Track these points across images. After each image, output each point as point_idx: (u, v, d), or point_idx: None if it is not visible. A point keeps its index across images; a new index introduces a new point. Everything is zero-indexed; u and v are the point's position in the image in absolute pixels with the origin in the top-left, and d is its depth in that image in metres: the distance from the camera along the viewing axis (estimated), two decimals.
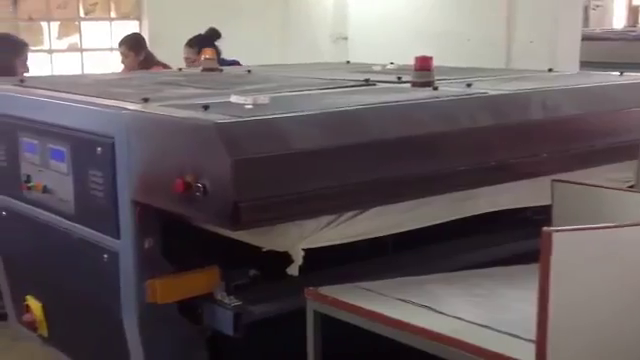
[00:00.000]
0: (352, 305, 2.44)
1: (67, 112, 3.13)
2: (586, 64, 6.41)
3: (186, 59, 6.25)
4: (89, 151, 2.95)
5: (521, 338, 2.12)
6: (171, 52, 7.35)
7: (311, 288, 2.59)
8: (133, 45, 6.54)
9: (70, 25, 8.66)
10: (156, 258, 2.87)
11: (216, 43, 6.31)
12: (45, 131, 3.22)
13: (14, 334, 3.97)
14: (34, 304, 3.53)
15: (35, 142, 3.29)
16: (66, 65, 8.45)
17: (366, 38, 7.25)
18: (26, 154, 3.37)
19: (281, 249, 2.65)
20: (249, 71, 4.44)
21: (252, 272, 3.06)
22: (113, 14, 8.81)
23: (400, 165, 2.73)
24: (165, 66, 6.44)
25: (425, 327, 2.21)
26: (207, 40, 6.22)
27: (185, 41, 6.68)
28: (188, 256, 2.94)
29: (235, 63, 6.05)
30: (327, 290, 2.56)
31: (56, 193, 3.21)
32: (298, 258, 2.64)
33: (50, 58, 8.38)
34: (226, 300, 2.87)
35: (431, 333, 2.19)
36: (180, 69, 4.73)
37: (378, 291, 2.60)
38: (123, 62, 6.63)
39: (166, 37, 8.31)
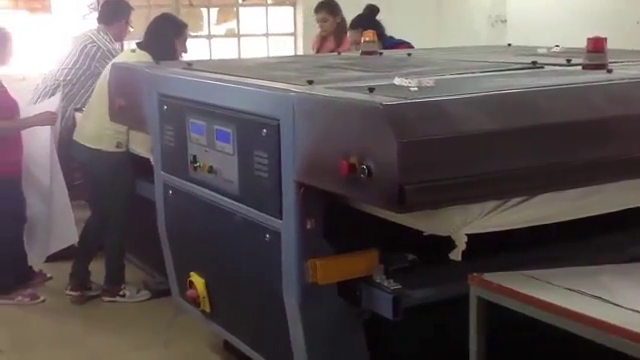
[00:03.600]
0: (519, 292, 2.37)
1: (234, 94, 3.20)
2: None
3: (353, 42, 6.16)
4: (255, 132, 3.01)
5: None
6: None
7: (475, 274, 2.54)
8: (332, 9, 6.53)
9: (228, 11, 8.89)
10: (317, 239, 2.91)
11: (378, 19, 6.18)
12: (212, 113, 3.32)
13: (177, 309, 4.13)
14: (197, 280, 3.64)
15: (202, 123, 3.39)
16: (223, 50, 8.67)
17: (527, 20, 7.02)
18: (193, 135, 3.48)
19: (444, 234, 2.61)
20: (409, 54, 4.40)
21: (411, 256, 3.04)
22: (269, 0, 8.97)
23: (571, 150, 2.63)
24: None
25: (604, 319, 2.12)
26: (368, 18, 6.10)
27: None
28: (348, 238, 2.95)
29: (403, 44, 5.90)
30: (492, 277, 2.51)
31: (221, 173, 3.30)
32: (461, 243, 2.58)
33: (209, 43, 8.63)
34: (385, 283, 2.87)
35: (613, 327, 2.10)
36: (338, 53, 4.74)
37: (545, 279, 2.52)
38: (322, 27, 6.60)
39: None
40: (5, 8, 7.58)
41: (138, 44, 4.83)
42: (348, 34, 6.26)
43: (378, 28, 5.76)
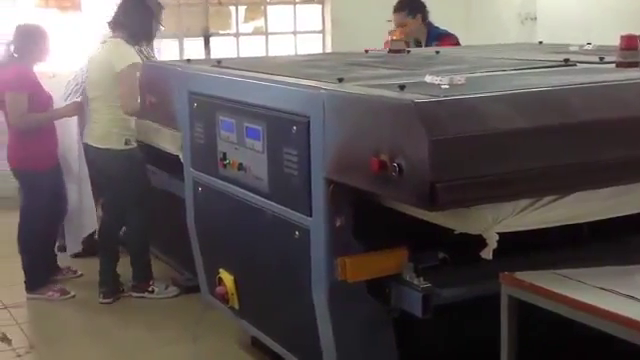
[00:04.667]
0: (552, 292, 2.35)
1: (264, 92, 3.21)
2: None
3: (398, 25, 5.83)
4: (284, 130, 3.01)
5: None
6: (352, 37, 7.40)
7: (506, 273, 2.52)
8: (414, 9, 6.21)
9: (256, 9, 8.90)
10: (346, 236, 2.91)
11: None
12: (242, 110, 3.33)
13: (205, 306, 4.15)
14: (226, 277, 3.66)
15: (232, 121, 3.41)
16: (251, 48, 8.69)
17: (557, 18, 6.96)
18: (223, 132, 3.49)
19: (475, 232, 2.59)
20: (437, 52, 4.38)
21: (441, 254, 3.03)
22: None
23: (604, 149, 2.61)
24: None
25: (638, 319, 2.09)
26: (417, 3, 5.83)
27: (366, 25, 6.55)
28: (377, 236, 2.95)
29: (449, 36, 5.73)
30: (523, 275, 2.49)
31: (251, 170, 3.31)
32: (492, 242, 2.56)
33: (236, 41, 8.65)
34: (415, 281, 2.86)
35: None
36: (366, 51, 4.73)
37: (577, 279, 2.49)
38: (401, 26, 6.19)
39: (348, 22, 8.40)
40: (36, 6, 7.65)
41: (109, 24, 4.89)
42: (393, 18, 5.98)
43: (423, 12, 5.63)
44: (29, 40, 4.91)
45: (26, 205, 5.01)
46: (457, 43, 5.70)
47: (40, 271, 5.07)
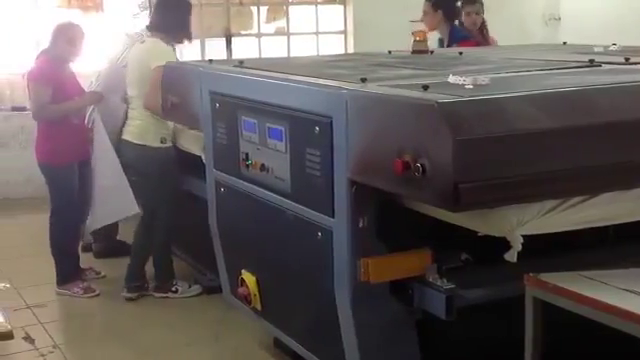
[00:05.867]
0: (577, 293, 2.33)
1: (286, 92, 3.21)
2: None
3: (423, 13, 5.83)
4: (307, 130, 3.00)
5: None
6: (374, 37, 7.38)
7: (531, 274, 2.50)
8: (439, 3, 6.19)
9: (278, 9, 8.91)
10: (369, 237, 2.90)
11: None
12: (264, 110, 3.33)
13: (227, 306, 4.15)
14: (249, 278, 3.66)
15: (254, 121, 3.41)
16: (272, 49, 8.70)
17: (581, 18, 6.91)
18: (245, 133, 3.49)
19: (499, 234, 2.57)
20: (460, 53, 4.37)
21: (464, 256, 3.01)
22: None
23: (630, 150, 2.58)
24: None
25: None
26: (446, 2, 5.78)
27: (388, 26, 6.54)
28: (400, 237, 2.94)
29: (467, 39, 5.66)
30: (548, 277, 2.47)
31: (273, 171, 3.31)
32: (517, 244, 2.54)
33: (258, 42, 8.66)
34: (438, 282, 2.85)
35: None
36: (389, 52, 4.71)
37: (602, 280, 2.47)
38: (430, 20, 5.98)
39: (370, 23, 8.38)
40: (58, 7, 7.72)
41: (148, 27, 4.91)
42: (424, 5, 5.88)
43: (447, 10, 5.61)
44: (65, 38, 4.94)
45: (53, 200, 5.05)
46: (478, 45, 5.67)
47: (69, 266, 5.10)
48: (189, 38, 4.99)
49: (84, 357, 4.36)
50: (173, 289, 4.94)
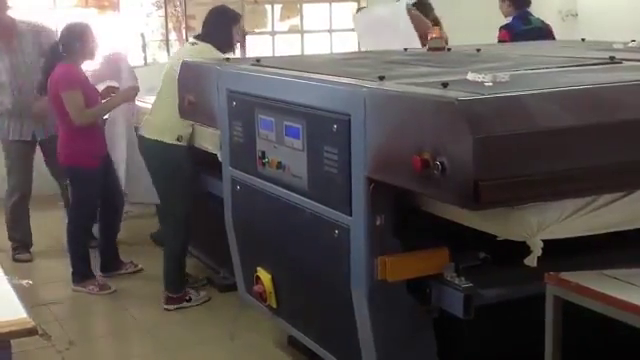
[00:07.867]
0: (598, 292, 2.31)
1: (303, 90, 3.19)
2: None
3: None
4: (325, 128, 2.99)
5: None
6: None
7: (552, 273, 2.48)
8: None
9: (292, 7, 8.91)
10: (387, 235, 2.88)
11: None
12: (281, 108, 3.31)
13: (242, 304, 4.14)
14: (264, 276, 3.65)
15: (271, 119, 3.39)
16: (286, 47, 8.69)
17: (598, 15, 6.86)
18: (262, 131, 3.48)
19: (518, 239, 2.54)
20: (478, 50, 4.34)
21: (482, 254, 2.99)
22: None
23: None
24: None
25: None
26: None
27: None
28: (417, 235, 2.92)
29: None
30: (569, 276, 2.45)
31: (290, 169, 3.29)
32: (537, 249, 2.52)
33: (272, 40, 8.66)
34: (456, 281, 2.84)
35: None
36: (405, 49, 4.69)
37: (624, 279, 2.45)
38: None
39: None
40: (75, 7, 7.74)
41: (196, 37, 4.87)
42: None
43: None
44: (76, 38, 4.97)
45: (75, 200, 5.09)
46: None
47: (85, 264, 5.11)
48: (232, 49, 4.96)
49: (100, 354, 4.38)
50: (187, 298, 4.81)
